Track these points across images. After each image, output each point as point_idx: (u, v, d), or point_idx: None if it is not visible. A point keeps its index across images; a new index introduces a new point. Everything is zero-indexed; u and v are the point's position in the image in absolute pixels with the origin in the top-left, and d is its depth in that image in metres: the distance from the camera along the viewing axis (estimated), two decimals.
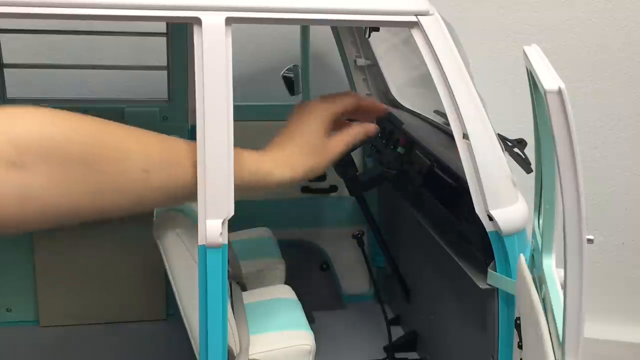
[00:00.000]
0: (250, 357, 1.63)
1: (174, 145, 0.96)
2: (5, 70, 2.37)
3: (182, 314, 1.61)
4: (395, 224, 2.45)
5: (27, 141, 0.73)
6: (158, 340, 2.41)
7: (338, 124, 1.14)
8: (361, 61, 2.51)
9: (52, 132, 0.76)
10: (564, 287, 0.89)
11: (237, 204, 1.20)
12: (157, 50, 2.51)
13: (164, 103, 2.47)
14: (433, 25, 1.28)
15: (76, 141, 0.78)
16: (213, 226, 1.19)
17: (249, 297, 1.88)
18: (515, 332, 1.32)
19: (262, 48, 2.74)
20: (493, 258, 1.38)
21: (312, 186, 2.59)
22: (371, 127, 1.15)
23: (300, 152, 1.08)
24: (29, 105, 0.78)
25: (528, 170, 1.54)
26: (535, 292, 1.11)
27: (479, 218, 1.35)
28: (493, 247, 1.36)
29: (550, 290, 1.05)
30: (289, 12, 1.22)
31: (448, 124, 1.37)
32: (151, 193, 0.88)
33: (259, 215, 2.42)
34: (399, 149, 2.11)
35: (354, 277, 2.66)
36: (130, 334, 2.43)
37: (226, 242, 1.21)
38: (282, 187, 1.07)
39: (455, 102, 1.28)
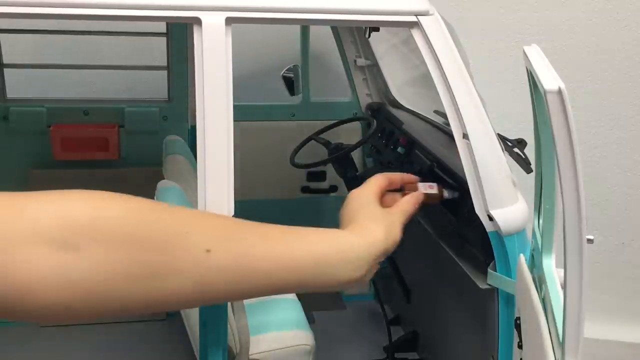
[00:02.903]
0: (250, 357, 1.63)
1: (240, 224, 0.85)
2: (5, 70, 2.37)
3: (182, 314, 1.61)
4: None
5: (79, 223, 0.68)
6: (158, 340, 2.41)
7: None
8: (361, 61, 2.51)
9: (106, 213, 0.71)
10: (564, 287, 0.89)
11: (237, 204, 1.21)
12: (157, 50, 2.51)
13: (164, 103, 2.47)
14: (433, 25, 1.28)
15: (131, 221, 0.72)
16: None
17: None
18: (515, 332, 1.32)
19: (262, 48, 2.74)
20: (493, 258, 1.38)
21: (312, 186, 2.59)
22: (420, 195, 1.18)
23: (369, 220, 1.02)
24: (81, 189, 0.72)
25: (528, 170, 1.54)
26: (535, 292, 1.11)
27: (479, 218, 1.35)
28: (493, 247, 1.36)
29: (550, 290, 1.05)
30: (289, 12, 1.23)
31: (448, 124, 1.37)
32: (213, 275, 0.78)
33: (259, 215, 2.42)
34: (399, 149, 2.11)
35: None
36: (130, 334, 2.43)
37: None
38: (363, 263, 0.94)
39: (455, 102, 1.28)
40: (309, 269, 0.88)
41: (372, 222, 1.02)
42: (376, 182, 1.16)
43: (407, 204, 1.13)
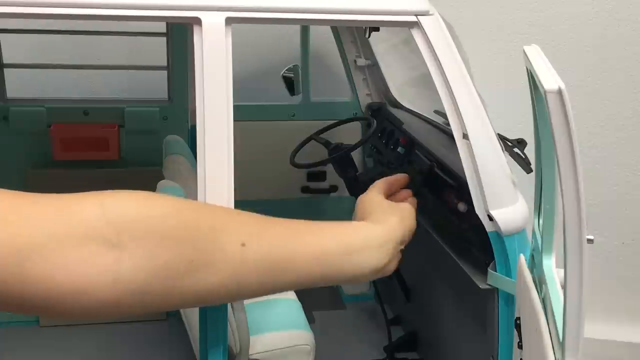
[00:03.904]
0: (250, 357, 1.63)
1: (269, 219, 0.89)
2: (5, 70, 2.37)
3: (182, 314, 1.61)
4: None
5: (124, 220, 0.70)
6: (158, 340, 2.41)
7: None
8: (361, 61, 2.51)
9: (149, 211, 0.73)
10: (564, 287, 0.89)
11: (237, 204, 1.20)
12: (157, 50, 2.51)
13: (164, 103, 2.47)
14: (433, 25, 1.28)
15: (173, 218, 0.75)
16: None
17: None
18: (515, 332, 1.32)
19: (262, 48, 2.74)
20: (493, 258, 1.38)
21: (312, 186, 2.59)
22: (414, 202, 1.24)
23: (382, 212, 1.07)
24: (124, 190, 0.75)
25: (528, 170, 1.54)
26: (535, 292, 1.11)
27: (479, 218, 1.35)
28: (493, 247, 1.36)
29: (550, 290, 1.05)
30: (289, 12, 1.23)
31: (448, 124, 1.37)
32: (247, 268, 0.81)
33: None
34: (399, 149, 2.11)
35: None
36: (130, 334, 2.43)
37: None
38: (385, 249, 0.98)
39: (455, 102, 1.28)
40: (338, 258, 0.92)
41: (385, 214, 1.07)
42: (379, 185, 1.21)
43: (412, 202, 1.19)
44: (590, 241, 0.87)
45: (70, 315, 0.70)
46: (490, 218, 1.33)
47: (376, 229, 1.00)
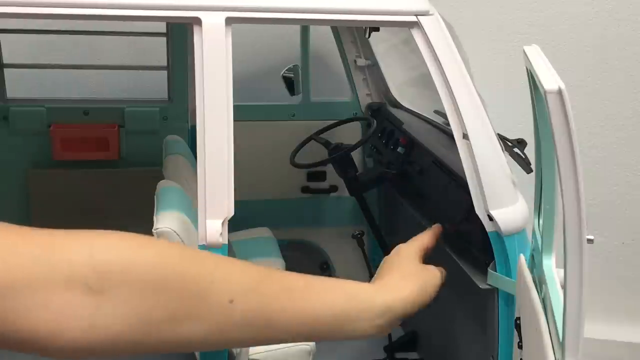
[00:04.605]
0: (250, 357, 1.63)
1: (264, 275, 0.85)
2: (5, 70, 2.37)
3: None
4: (395, 224, 2.45)
5: (110, 268, 0.69)
6: None
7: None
8: (361, 61, 2.51)
9: (136, 258, 0.72)
10: (564, 287, 0.89)
11: (237, 204, 1.21)
12: (157, 50, 2.51)
13: (164, 103, 2.47)
14: (433, 25, 1.28)
15: (158, 268, 0.73)
16: (213, 226, 1.19)
17: None
18: (515, 332, 1.32)
19: (262, 48, 2.74)
20: (493, 258, 1.38)
21: (312, 186, 2.59)
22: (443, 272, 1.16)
23: (401, 276, 1.02)
24: (114, 231, 0.73)
25: (528, 170, 1.54)
26: (535, 292, 1.11)
27: (479, 218, 1.35)
28: (493, 247, 1.36)
29: (550, 290, 1.05)
30: (289, 12, 1.23)
31: (448, 124, 1.37)
32: (232, 325, 0.79)
33: (259, 215, 2.42)
34: (399, 149, 2.11)
35: (354, 277, 2.64)
36: None
37: (226, 242, 1.21)
38: (383, 320, 0.93)
39: (455, 102, 1.28)
40: (327, 325, 0.89)
41: (403, 279, 1.02)
42: (422, 240, 1.15)
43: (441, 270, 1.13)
44: (590, 241, 0.87)
45: (46, 354, 0.69)
46: (490, 218, 1.33)
47: (378, 300, 0.94)
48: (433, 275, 1.07)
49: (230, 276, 0.80)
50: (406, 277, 1.03)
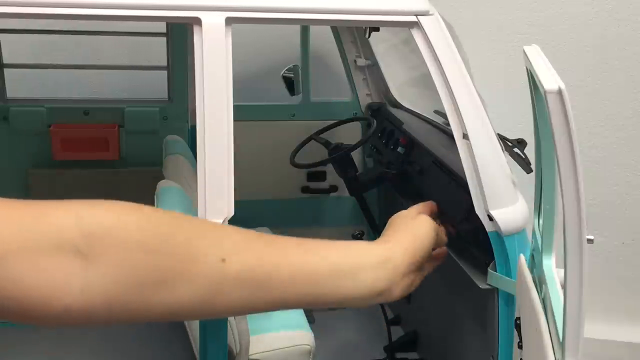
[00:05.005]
0: (250, 357, 1.63)
1: (255, 235, 0.84)
2: (5, 70, 2.37)
3: None
4: None
5: (98, 232, 0.70)
6: (158, 340, 2.41)
7: None
8: (361, 61, 2.51)
9: (124, 221, 0.72)
10: (564, 287, 0.89)
11: (237, 204, 1.20)
12: (157, 50, 2.51)
13: (164, 103, 2.47)
14: (433, 25, 1.28)
15: (147, 230, 0.73)
16: None
17: None
18: (515, 332, 1.32)
19: (262, 48, 2.74)
20: (493, 258, 1.38)
21: (312, 186, 2.60)
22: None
23: (394, 231, 1.01)
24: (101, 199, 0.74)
25: (528, 170, 1.53)
26: (535, 292, 1.11)
27: (479, 218, 1.35)
28: (493, 247, 1.36)
29: (550, 290, 1.05)
30: (289, 12, 1.23)
31: (448, 124, 1.37)
32: (226, 284, 0.78)
33: (259, 215, 2.42)
34: (399, 149, 2.11)
35: None
36: (130, 334, 2.43)
37: None
38: (384, 272, 0.91)
39: (455, 102, 1.28)
40: (325, 277, 0.86)
41: (396, 230, 1.01)
42: (416, 206, 1.16)
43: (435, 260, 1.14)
44: (590, 241, 0.86)
45: (42, 321, 0.70)
46: (490, 218, 1.33)
47: (374, 248, 0.93)
48: (420, 222, 1.04)
49: (221, 236, 0.80)
50: (399, 230, 1.02)
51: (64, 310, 0.69)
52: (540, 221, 1.14)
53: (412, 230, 1.01)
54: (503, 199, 1.33)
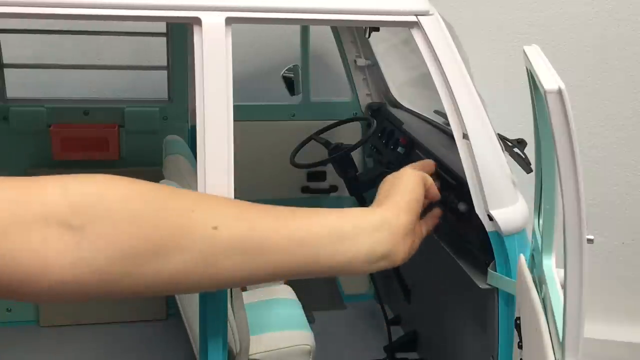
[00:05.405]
0: (250, 357, 1.63)
1: (248, 204, 0.83)
2: (5, 70, 2.37)
3: (182, 314, 1.61)
4: None
5: (85, 203, 0.69)
6: (158, 340, 2.41)
7: None
8: (361, 61, 2.51)
9: (111, 193, 0.72)
10: (564, 287, 0.89)
11: None
12: (157, 50, 2.51)
13: (164, 103, 2.47)
14: (433, 25, 1.28)
15: (135, 201, 0.73)
16: None
17: (249, 297, 1.88)
18: (515, 332, 1.32)
19: (262, 48, 2.74)
20: (493, 258, 1.38)
21: (312, 186, 2.60)
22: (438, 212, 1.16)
23: (385, 195, 1.00)
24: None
25: (528, 170, 1.53)
26: (535, 292, 1.11)
27: (479, 218, 1.35)
28: (493, 247, 1.36)
29: (550, 290, 1.05)
30: (289, 12, 1.22)
31: (448, 124, 1.37)
32: (220, 252, 0.77)
33: None
34: (399, 149, 2.11)
35: (354, 277, 2.67)
36: (130, 334, 2.43)
37: None
38: (382, 233, 0.90)
39: (455, 102, 1.28)
40: (323, 240, 0.84)
41: (388, 193, 0.99)
42: (418, 164, 1.15)
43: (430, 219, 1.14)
44: (590, 241, 0.86)
45: (35, 296, 0.70)
46: (490, 218, 1.33)
47: (370, 213, 0.92)
48: (407, 177, 1.03)
49: (212, 205, 0.79)
50: (390, 192, 1.00)
51: (54, 285, 0.68)
52: (540, 221, 1.14)
53: (401, 187, 1.00)
54: (503, 199, 1.33)
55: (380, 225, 0.90)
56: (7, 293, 0.68)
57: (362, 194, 2.16)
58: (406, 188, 1.00)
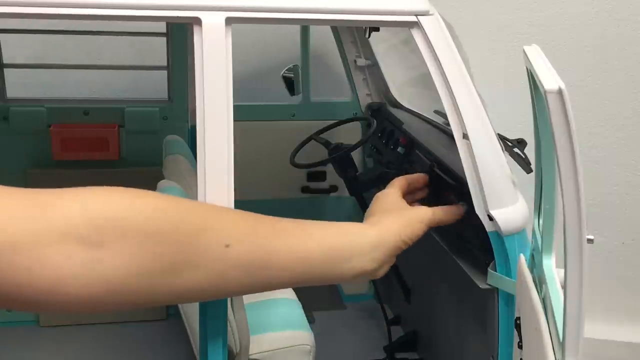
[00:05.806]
0: (250, 357, 1.63)
1: (258, 219, 0.88)
2: (5, 70, 2.37)
3: (182, 314, 1.61)
4: None
5: (104, 219, 0.70)
6: (158, 340, 2.41)
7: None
8: (361, 61, 2.51)
9: (130, 210, 0.73)
10: (564, 287, 0.89)
11: (237, 204, 1.20)
12: (158, 50, 2.51)
13: (164, 103, 2.47)
14: (433, 25, 1.28)
15: (154, 218, 0.74)
16: None
17: (249, 297, 1.87)
18: (515, 332, 1.32)
19: (262, 48, 2.74)
20: (493, 258, 1.38)
21: (312, 186, 2.59)
22: (461, 210, 1.26)
23: (388, 214, 1.07)
24: (105, 186, 0.75)
25: (528, 170, 1.53)
26: (535, 292, 1.11)
27: (478, 218, 1.35)
28: (493, 247, 1.36)
29: (550, 290, 1.05)
30: (289, 12, 1.22)
31: (448, 124, 1.37)
32: (230, 269, 0.81)
33: None
34: (399, 149, 2.11)
35: None
36: (130, 334, 2.43)
37: None
38: (377, 254, 0.97)
39: (455, 102, 1.28)
40: (321, 261, 0.91)
41: (390, 216, 1.05)
42: (397, 182, 1.22)
43: (441, 211, 1.20)
44: (590, 241, 0.87)
45: (48, 310, 0.71)
46: (490, 218, 1.33)
47: (369, 234, 0.98)
48: (415, 213, 1.10)
49: (224, 222, 0.82)
50: (392, 212, 1.07)
51: (70, 299, 0.69)
52: (540, 221, 1.14)
53: (407, 219, 1.07)
54: (503, 199, 1.33)
55: (374, 248, 0.97)
56: (24, 306, 0.69)
57: (362, 194, 2.16)
58: (411, 220, 1.08)
